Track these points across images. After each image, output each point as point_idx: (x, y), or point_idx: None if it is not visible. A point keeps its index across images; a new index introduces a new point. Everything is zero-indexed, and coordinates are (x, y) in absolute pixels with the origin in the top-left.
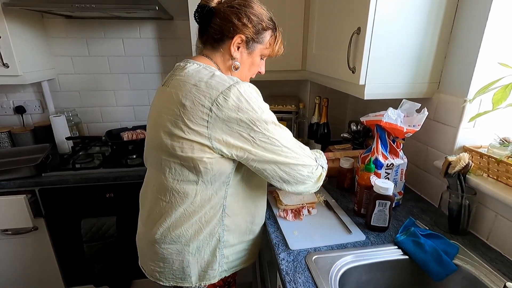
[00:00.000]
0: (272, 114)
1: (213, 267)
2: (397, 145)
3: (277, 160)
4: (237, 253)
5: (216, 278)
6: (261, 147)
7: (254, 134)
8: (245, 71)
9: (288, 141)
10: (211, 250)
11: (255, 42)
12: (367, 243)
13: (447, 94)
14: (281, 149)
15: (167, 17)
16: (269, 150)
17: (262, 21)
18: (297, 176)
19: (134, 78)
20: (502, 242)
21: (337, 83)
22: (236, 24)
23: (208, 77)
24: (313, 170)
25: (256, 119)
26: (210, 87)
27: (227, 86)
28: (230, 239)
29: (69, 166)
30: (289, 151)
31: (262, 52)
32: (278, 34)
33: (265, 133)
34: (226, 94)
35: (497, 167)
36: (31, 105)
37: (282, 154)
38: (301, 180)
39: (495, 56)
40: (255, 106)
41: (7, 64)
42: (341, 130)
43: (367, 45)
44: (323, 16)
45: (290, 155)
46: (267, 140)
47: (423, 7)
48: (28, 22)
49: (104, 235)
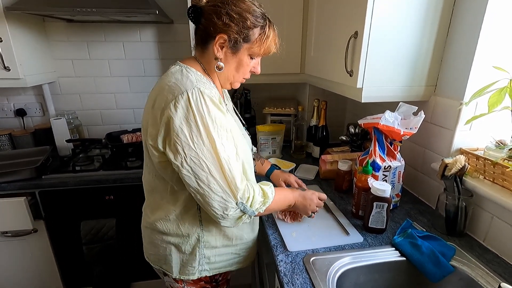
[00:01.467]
0: (220, 124)
1: (192, 264)
2: (394, 147)
3: (197, 189)
4: (221, 256)
5: (196, 275)
6: (189, 166)
7: (188, 151)
8: (231, 71)
9: (217, 169)
10: (191, 247)
11: (240, 41)
12: (364, 244)
13: (444, 97)
14: (206, 177)
15: (167, 21)
16: (194, 173)
17: (246, 19)
18: (210, 211)
19: (134, 81)
20: (498, 244)
21: (335, 86)
22: (216, 23)
23: (175, 79)
24: (230, 212)
25: (197, 134)
26: (170, 90)
27: (182, 91)
28: (211, 240)
29: (69, 169)
30: (214, 182)
31: (251, 52)
32: (269, 31)
33: (199, 153)
34: (177, 100)
35: (493, 169)
36: (31, 108)
37: (204, 182)
38: (215, 216)
39: (490, 59)
40: (203, 120)
41: (9, 67)
42: (339, 133)
43: (364, 48)
44: (321, 20)
45: (211, 187)
46: (197, 162)
47: (419, 11)
48: (29, 26)
49: (103, 237)
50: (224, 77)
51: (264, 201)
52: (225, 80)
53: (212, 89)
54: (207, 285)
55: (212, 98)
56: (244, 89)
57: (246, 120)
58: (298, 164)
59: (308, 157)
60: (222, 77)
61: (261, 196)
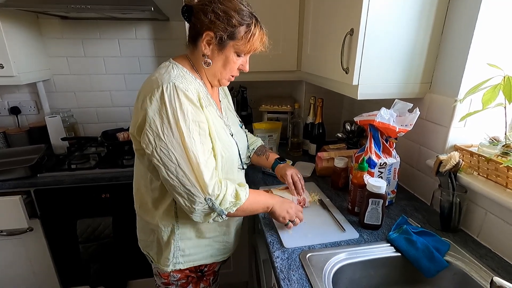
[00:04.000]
0: (192, 118)
1: (167, 256)
2: (390, 144)
3: (167, 180)
4: (195, 248)
5: (169, 268)
6: (159, 156)
7: (158, 142)
8: (218, 68)
9: (186, 162)
10: (167, 237)
11: (225, 38)
12: (360, 241)
13: (439, 94)
14: (175, 168)
15: (163, 18)
16: (164, 163)
17: (231, 17)
18: (179, 203)
19: (130, 79)
20: (491, 239)
21: (331, 83)
22: (203, 21)
23: (158, 74)
24: (197, 206)
25: (168, 126)
26: (150, 83)
27: (159, 84)
28: (186, 231)
29: (64, 167)
30: (182, 174)
31: (237, 49)
32: (255, 30)
33: (168, 144)
34: (153, 93)
35: (487, 165)
36: (26, 106)
37: (173, 173)
38: (184, 209)
39: (484, 57)
40: (174, 113)
41: (2, 64)
42: (336, 130)
43: (360, 46)
44: (317, 17)
45: (179, 179)
46: (166, 153)
47: (414, 9)
48: (23, 22)
49: (99, 235)
50: (212, 74)
51: (236, 202)
52: (213, 76)
53: (190, 85)
54: (192, 274)
55: (186, 93)
56: (241, 87)
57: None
58: (295, 162)
59: (305, 154)
60: (209, 74)
61: (233, 196)
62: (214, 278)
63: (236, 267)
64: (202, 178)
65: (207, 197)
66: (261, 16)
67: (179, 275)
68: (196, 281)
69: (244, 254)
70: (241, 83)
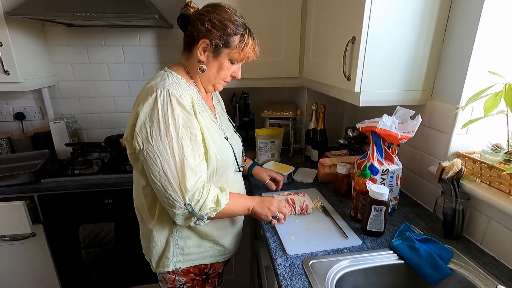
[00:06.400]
0: (183, 124)
1: (167, 255)
2: (392, 151)
3: (152, 181)
4: (194, 247)
5: (170, 267)
6: (145, 159)
7: (146, 144)
8: (213, 73)
9: (170, 166)
10: (165, 237)
11: (221, 46)
12: (363, 247)
13: (440, 101)
14: (158, 172)
15: (167, 25)
16: (148, 166)
17: (227, 26)
18: (164, 205)
19: (134, 85)
20: (495, 247)
21: (333, 90)
22: (200, 29)
23: (154, 82)
24: (177, 211)
25: (157, 130)
26: (146, 91)
27: (154, 90)
28: (183, 230)
29: (68, 172)
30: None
31: (231, 57)
32: (249, 39)
33: (154, 147)
34: (147, 98)
35: (489, 172)
36: (31, 112)
37: (156, 177)
38: (168, 211)
39: (486, 64)
40: (165, 117)
41: (8, 71)
42: (338, 136)
43: (362, 53)
44: (319, 25)
45: (162, 183)
46: (152, 156)
47: (416, 17)
48: (29, 30)
49: (102, 241)
50: (206, 79)
51: (216, 208)
52: (207, 82)
53: (185, 91)
54: (197, 277)
55: (179, 99)
56: (243, 93)
57: (245, 124)
58: (297, 168)
59: (307, 160)
60: (204, 80)
61: (213, 202)
62: (219, 280)
63: (238, 274)
64: (184, 183)
65: (187, 203)
66: (263, 23)
67: (184, 278)
68: (201, 284)
69: (246, 260)
70: (244, 89)
